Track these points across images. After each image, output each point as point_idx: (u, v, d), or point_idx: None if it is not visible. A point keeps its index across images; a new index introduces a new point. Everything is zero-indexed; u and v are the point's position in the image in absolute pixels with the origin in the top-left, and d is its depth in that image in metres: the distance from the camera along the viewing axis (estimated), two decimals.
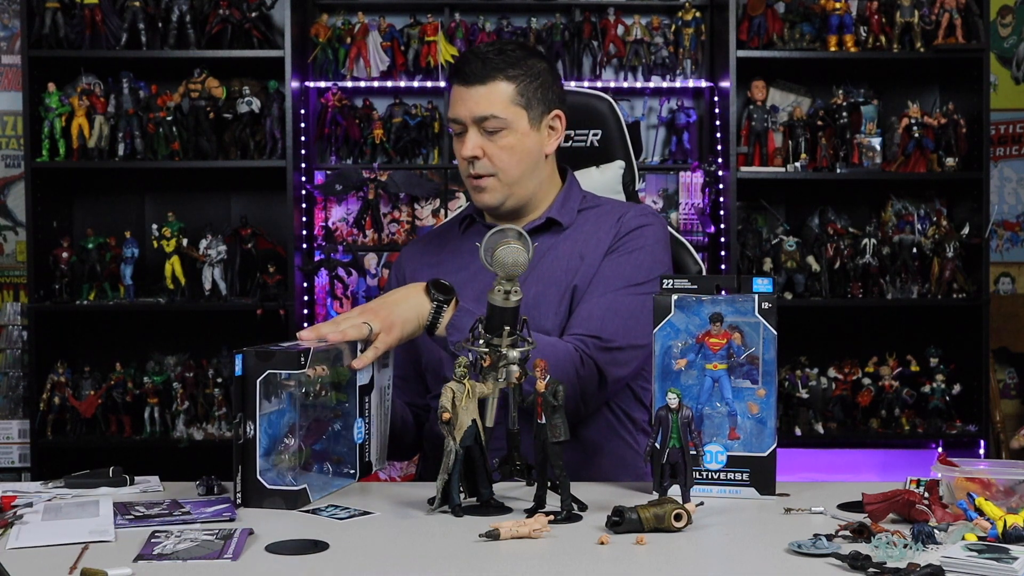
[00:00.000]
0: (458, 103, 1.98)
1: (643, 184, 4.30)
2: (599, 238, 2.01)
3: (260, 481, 1.57)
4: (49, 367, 3.99)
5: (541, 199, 2.06)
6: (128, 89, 4.01)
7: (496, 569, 1.29)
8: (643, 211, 2.08)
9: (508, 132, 1.96)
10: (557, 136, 2.05)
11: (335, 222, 4.24)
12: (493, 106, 1.95)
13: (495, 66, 1.96)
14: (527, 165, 2.00)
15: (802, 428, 4.08)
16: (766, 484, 1.63)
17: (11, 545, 1.39)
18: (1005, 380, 4.51)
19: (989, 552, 1.27)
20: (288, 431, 1.61)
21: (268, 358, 1.56)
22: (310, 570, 1.30)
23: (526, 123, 1.98)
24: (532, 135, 1.99)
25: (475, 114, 1.96)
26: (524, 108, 1.98)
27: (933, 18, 4.08)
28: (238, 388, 1.57)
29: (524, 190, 2.02)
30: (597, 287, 1.96)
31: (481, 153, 1.96)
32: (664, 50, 4.19)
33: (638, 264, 1.98)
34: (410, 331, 1.77)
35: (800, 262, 4.12)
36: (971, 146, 4.11)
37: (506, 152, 1.97)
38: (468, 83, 1.96)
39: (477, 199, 2.02)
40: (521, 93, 1.97)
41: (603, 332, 1.89)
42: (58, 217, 4.15)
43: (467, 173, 2.00)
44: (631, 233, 2.01)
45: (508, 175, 1.98)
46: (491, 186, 1.99)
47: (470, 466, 1.55)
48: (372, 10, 4.24)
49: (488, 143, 1.96)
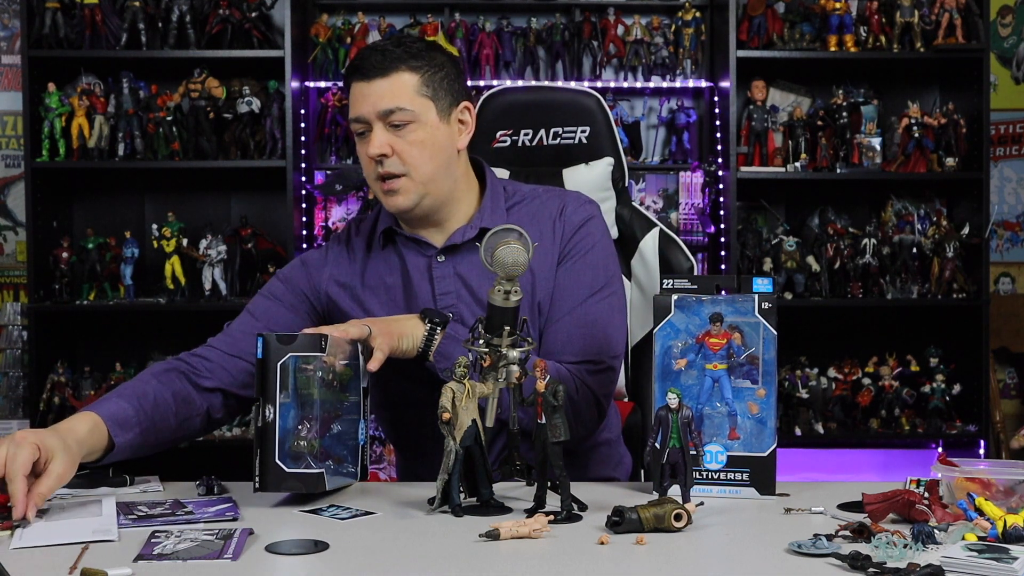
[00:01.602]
0: (359, 100, 1.84)
1: (643, 184, 4.30)
2: (545, 246, 1.91)
3: (279, 464, 1.57)
4: (49, 367, 4.00)
5: (459, 199, 1.93)
6: (128, 89, 4.01)
7: (496, 569, 1.29)
8: (579, 200, 1.97)
9: (417, 126, 1.83)
10: (468, 130, 1.92)
11: (335, 222, 4.24)
12: (398, 98, 1.82)
13: (396, 57, 1.83)
14: (440, 161, 1.86)
15: (802, 428, 4.08)
16: (766, 484, 1.63)
17: (15, 545, 1.39)
18: (1005, 380, 4.51)
19: (989, 552, 1.27)
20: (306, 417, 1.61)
21: (289, 341, 1.58)
22: (310, 570, 1.30)
23: (435, 115, 1.85)
24: (442, 128, 1.86)
25: (379, 108, 1.82)
26: (431, 99, 1.84)
27: (933, 18, 4.08)
28: (258, 371, 1.59)
29: (439, 189, 1.87)
30: (563, 302, 1.89)
31: (390, 151, 1.82)
32: (664, 50, 4.19)
33: (595, 265, 1.90)
34: (406, 347, 1.74)
35: (800, 262, 4.12)
36: (971, 146, 4.12)
37: (416, 147, 1.83)
38: (369, 78, 1.83)
39: (389, 202, 1.87)
40: (426, 84, 1.84)
41: (587, 354, 1.85)
42: (58, 217, 4.15)
43: (375, 175, 1.85)
44: (577, 232, 1.92)
45: (421, 172, 1.84)
46: (403, 187, 1.84)
47: (470, 466, 1.55)
48: (372, 10, 4.25)
49: (396, 139, 1.83)
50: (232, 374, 1.85)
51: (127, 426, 1.69)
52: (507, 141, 2.31)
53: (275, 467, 1.56)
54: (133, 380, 1.80)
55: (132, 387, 1.77)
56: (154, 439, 1.74)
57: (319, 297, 1.95)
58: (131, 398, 1.73)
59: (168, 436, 1.78)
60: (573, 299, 1.89)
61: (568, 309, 1.88)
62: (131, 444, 1.70)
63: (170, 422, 1.77)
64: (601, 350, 1.86)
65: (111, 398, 1.72)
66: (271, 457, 1.56)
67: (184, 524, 1.48)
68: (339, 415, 1.69)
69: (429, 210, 1.89)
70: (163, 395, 1.77)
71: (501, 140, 2.31)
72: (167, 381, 1.80)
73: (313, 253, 2.00)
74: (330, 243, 2.02)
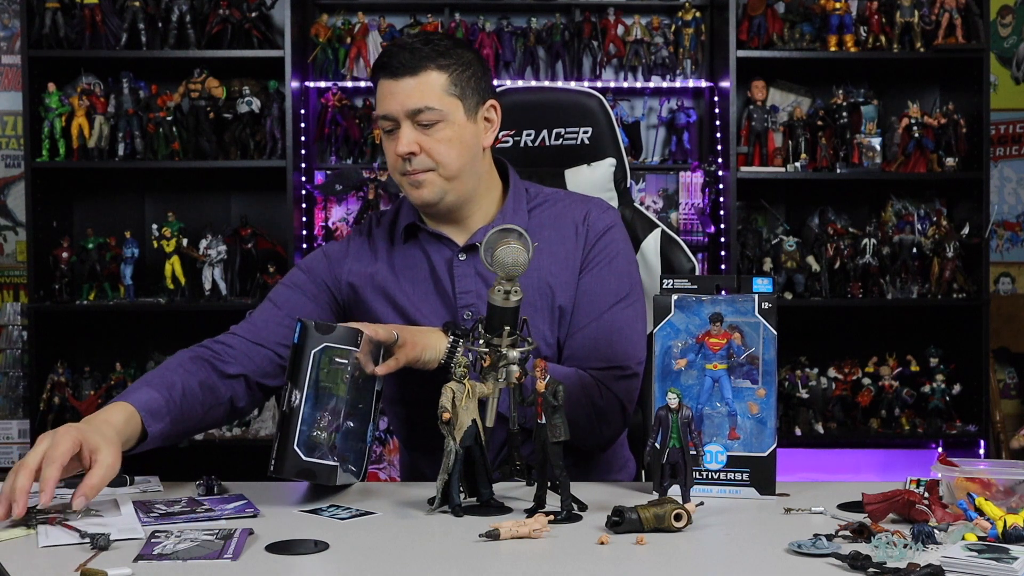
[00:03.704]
0: (387, 98, 1.84)
1: (643, 184, 4.30)
2: (567, 250, 1.93)
3: (297, 451, 1.57)
4: (49, 367, 4.00)
5: (481, 197, 1.94)
6: (128, 89, 4.01)
7: (496, 569, 1.29)
8: (602, 207, 1.99)
9: (444, 124, 1.84)
10: (493, 128, 1.94)
11: (335, 222, 4.24)
12: (427, 97, 1.83)
13: (425, 56, 1.83)
14: (467, 158, 1.87)
15: (802, 428, 4.08)
16: (766, 484, 1.63)
17: (43, 543, 1.39)
18: (1005, 380, 4.51)
19: (989, 552, 1.27)
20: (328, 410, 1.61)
21: (327, 331, 1.60)
22: (310, 570, 1.30)
23: (462, 114, 1.86)
24: (469, 127, 1.87)
25: (408, 107, 1.82)
26: (459, 98, 1.85)
27: (933, 18, 4.09)
28: (292, 356, 1.61)
29: (464, 185, 1.89)
30: (589, 309, 1.90)
31: (418, 149, 1.83)
32: (664, 50, 4.20)
33: (620, 273, 1.92)
34: (428, 358, 1.74)
35: (800, 262, 4.12)
36: (971, 146, 4.12)
37: (444, 145, 1.84)
38: (397, 75, 1.83)
39: (414, 195, 1.88)
40: (454, 83, 1.85)
41: (614, 360, 1.86)
42: (58, 217, 4.15)
43: (402, 171, 1.86)
44: (601, 239, 1.94)
45: (448, 169, 1.85)
46: (430, 180, 1.86)
47: (470, 466, 1.55)
48: (372, 10, 4.24)
49: (424, 138, 1.84)
50: (255, 362, 1.86)
51: (159, 416, 1.69)
52: (509, 141, 2.31)
53: (293, 453, 1.57)
54: (160, 368, 1.80)
55: (160, 376, 1.76)
56: (182, 428, 1.75)
57: (340, 288, 1.96)
58: (161, 387, 1.73)
59: (194, 425, 1.79)
60: (599, 306, 1.90)
61: (595, 316, 1.89)
62: (162, 434, 1.70)
63: (197, 411, 1.78)
64: (628, 356, 1.87)
65: (141, 387, 1.72)
66: (290, 443, 1.57)
67: (206, 520, 1.49)
68: (354, 414, 1.69)
69: (452, 205, 1.90)
70: (191, 384, 1.77)
71: (503, 140, 2.31)
72: (194, 370, 1.80)
73: (335, 245, 2.02)
74: (351, 235, 2.03)
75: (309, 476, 1.59)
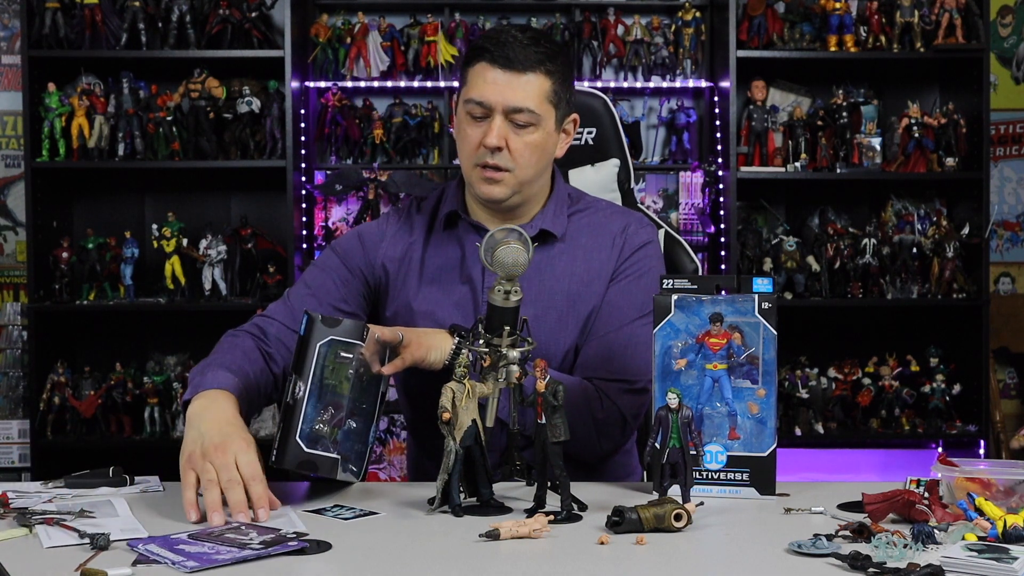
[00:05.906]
0: (488, 86, 1.81)
1: (643, 184, 4.30)
2: (601, 259, 1.93)
3: (298, 443, 1.58)
4: (49, 367, 4.00)
5: (535, 198, 1.95)
6: (128, 89, 4.01)
7: (496, 569, 1.29)
8: (642, 222, 1.99)
9: (536, 129, 1.83)
10: (568, 140, 1.95)
11: (335, 222, 4.24)
12: (529, 99, 1.81)
13: (536, 58, 1.81)
14: (543, 165, 1.89)
15: (802, 428, 4.08)
16: (766, 484, 1.63)
17: (47, 544, 1.39)
18: (1005, 380, 4.51)
19: (989, 552, 1.27)
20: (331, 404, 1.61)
21: (333, 324, 1.62)
22: (312, 570, 1.30)
23: (552, 122, 1.86)
24: (553, 136, 1.88)
25: (510, 104, 1.80)
26: (554, 106, 1.85)
27: (933, 18, 4.09)
28: (298, 348, 1.62)
29: (530, 189, 1.90)
30: (610, 319, 1.89)
31: (504, 144, 1.82)
32: (664, 50, 4.20)
33: (647, 289, 1.88)
34: (433, 359, 1.74)
35: (800, 262, 4.12)
36: (971, 146, 4.12)
37: (529, 148, 1.83)
38: (507, 68, 1.80)
39: (484, 189, 1.86)
40: (556, 91, 1.84)
41: (626, 373, 1.84)
42: (58, 217, 4.15)
43: (479, 162, 1.84)
44: (636, 253, 1.93)
45: (525, 172, 1.85)
46: (505, 180, 1.84)
47: (470, 466, 1.55)
48: (372, 10, 4.24)
49: (513, 136, 1.82)
50: (289, 348, 1.83)
51: (242, 400, 1.70)
52: None
53: (294, 444, 1.58)
54: (229, 353, 1.78)
55: (231, 361, 1.75)
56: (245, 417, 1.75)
57: (374, 272, 1.96)
58: (238, 374, 1.73)
59: (250, 412, 1.79)
60: (620, 318, 1.89)
61: (614, 327, 1.89)
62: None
63: (257, 399, 1.80)
64: (638, 371, 1.85)
65: (220, 372, 1.71)
66: (292, 435, 1.58)
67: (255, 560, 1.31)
68: (357, 414, 1.69)
69: (514, 204, 1.91)
70: (254, 372, 1.78)
71: None
72: (255, 359, 1.80)
73: (371, 226, 2.01)
74: (388, 216, 2.02)
75: (311, 468, 1.59)
